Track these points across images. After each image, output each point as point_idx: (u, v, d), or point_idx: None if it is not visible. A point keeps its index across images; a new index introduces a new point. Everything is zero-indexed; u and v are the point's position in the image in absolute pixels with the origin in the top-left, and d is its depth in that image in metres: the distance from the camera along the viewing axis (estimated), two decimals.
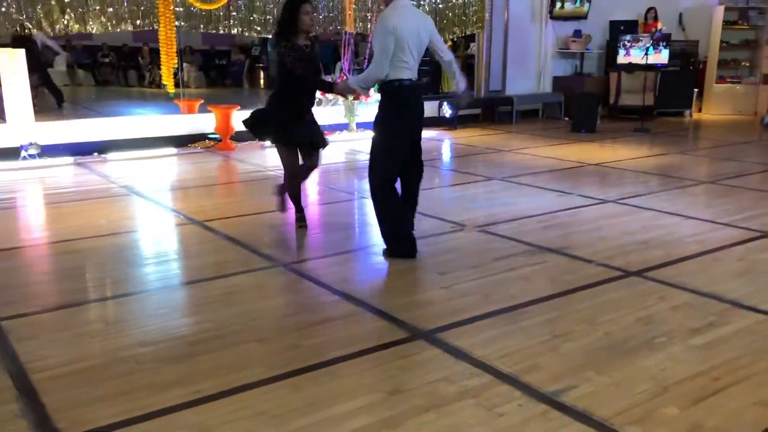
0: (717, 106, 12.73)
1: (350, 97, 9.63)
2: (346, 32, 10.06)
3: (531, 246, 4.51)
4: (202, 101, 9.59)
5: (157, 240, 4.85)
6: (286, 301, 3.67)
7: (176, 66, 8.68)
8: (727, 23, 12.63)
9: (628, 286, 3.76)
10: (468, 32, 11.29)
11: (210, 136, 8.89)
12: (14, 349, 2.97)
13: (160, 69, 16.35)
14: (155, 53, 16.66)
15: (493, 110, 11.58)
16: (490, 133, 10.28)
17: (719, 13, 12.56)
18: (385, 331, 3.19)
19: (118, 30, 8.43)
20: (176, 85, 8.82)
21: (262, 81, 17.98)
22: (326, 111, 9.79)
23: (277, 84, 4.89)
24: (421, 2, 10.63)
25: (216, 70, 18.21)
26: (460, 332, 3.13)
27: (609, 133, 10.14)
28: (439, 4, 10.80)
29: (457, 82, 4.39)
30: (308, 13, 4.48)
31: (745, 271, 4.02)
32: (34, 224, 5.42)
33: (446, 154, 8.82)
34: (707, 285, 3.75)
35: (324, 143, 4.92)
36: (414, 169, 4.40)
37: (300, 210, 4.99)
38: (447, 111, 10.67)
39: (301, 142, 4.74)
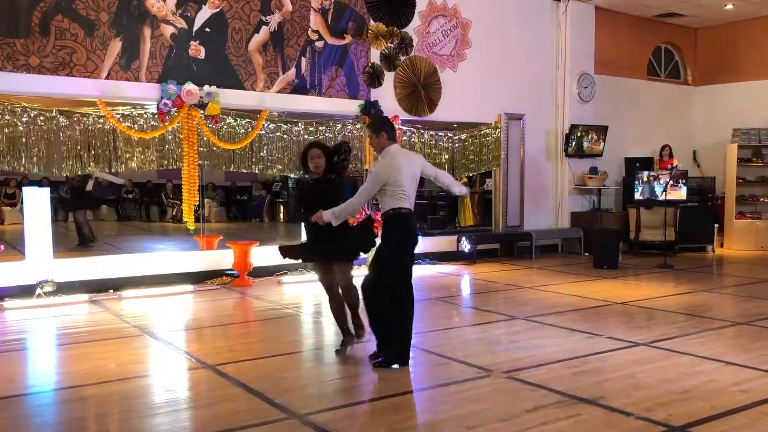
0: (738, 241, 12.59)
1: None
2: (366, 170, 10.21)
3: (564, 396, 4.23)
4: (222, 237, 9.62)
5: (166, 386, 4.61)
6: None
7: (197, 203, 8.77)
8: (742, 160, 12.76)
9: None
10: (483, 170, 11.45)
11: (227, 272, 8.82)
12: None
13: (182, 204, 16.96)
14: (178, 189, 17.23)
15: (512, 245, 11.51)
16: (509, 268, 10.13)
17: (733, 151, 12.71)
18: None
19: (145, 169, 8.61)
20: (196, 221, 8.87)
21: (281, 215, 18.23)
22: None
23: None
24: (440, 143, 10.86)
25: (237, 205, 18.54)
26: None
27: (631, 270, 9.96)
28: (456, 143, 11.02)
29: (449, 186, 5.28)
30: (314, 157, 5.15)
31: None
32: (41, 368, 5.22)
33: (466, 290, 8.65)
34: None
35: (341, 256, 5.11)
36: (405, 293, 4.94)
37: (346, 333, 5.29)
38: (466, 246, 10.61)
39: (320, 258, 5.23)
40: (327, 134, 9.85)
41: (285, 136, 9.54)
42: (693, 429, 3.67)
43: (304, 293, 8.27)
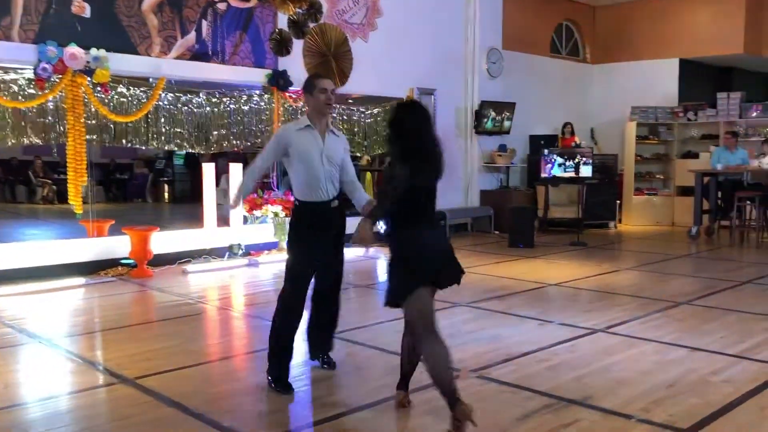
0: (636, 217, 12.91)
1: (281, 215, 8.90)
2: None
3: (549, 397, 3.81)
4: (114, 221, 8.53)
5: (78, 411, 3.76)
6: None
7: (85, 183, 7.66)
8: (639, 138, 13.06)
9: None
10: None
11: (123, 261, 7.81)
12: None
13: (54, 184, 15.27)
14: (48, 166, 15.53)
15: None
16: None
17: (632, 128, 12.98)
18: None
19: (19, 142, 7.40)
20: (84, 203, 7.74)
21: (167, 196, 16.94)
22: (252, 228, 8.98)
23: None
24: (352, 117, 10.23)
25: (116, 184, 17.02)
26: None
27: (547, 248, 9.85)
28: (368, 118, 10.43)
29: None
30: None
31: None
32: None
33: None
34: None
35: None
36: None
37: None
38: (383, 227, 10.07)
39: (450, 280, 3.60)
40: (231, 106, 8.97)
41: (185, 108, 8.56)
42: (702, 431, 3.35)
43: (213, 283, 7.45)
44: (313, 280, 4.09)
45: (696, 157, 12.85)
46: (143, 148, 8.66)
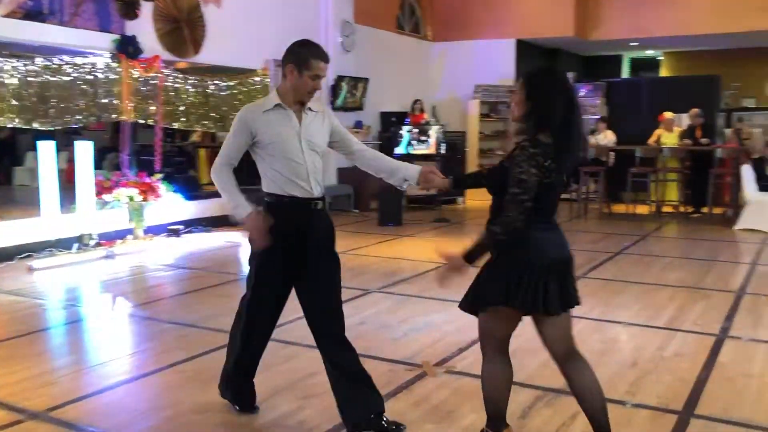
0: (478, 193, 13.30)
1: (138, 198, 7.91)
2: (122, 121, 8.35)
3: (534, 388, 3.65)
4: None
5: None
6: None
7: None
8: (481, 116, 13.48)
9: None
10: None
11: None
12: None
13: None
14: None
15: None
16: None
17: (475, 106, 13.35)
18: None
19: None
20: None
21: None
22: (105, 214, 7.90)
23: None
24: (207, 90, 9.35)
25: None
26: None
27: (415, 226, 9.81)
28: (223, 90, 9.61)
29: None
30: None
31: None
32: None
33: None
34: None
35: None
36: None
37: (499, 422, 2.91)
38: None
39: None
40: (74, 74, 7.76)
41: (17, 77, 7.25)
42: (702, 413, 3.37)
43: (73, 281, 6.44)
44: (309, 325, 3.20)
45: None
46: None
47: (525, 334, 3.06)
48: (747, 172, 9.43)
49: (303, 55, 3.00)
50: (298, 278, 3.12)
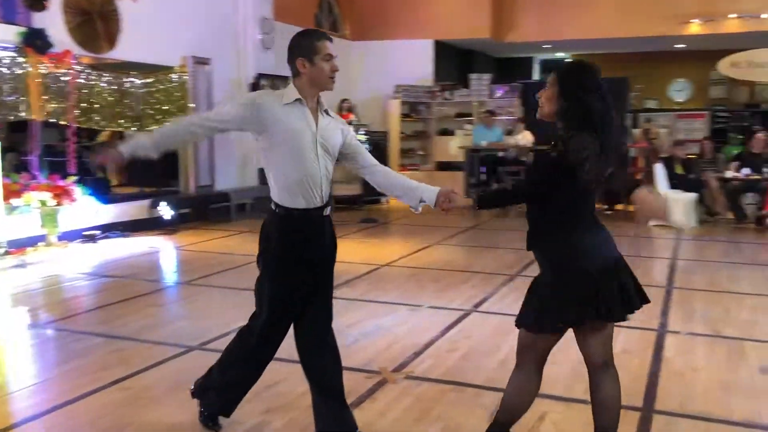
0: None
1: (51, 203, 7.40)
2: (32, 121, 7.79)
3: (496, 391, 3.58)
4: None
5: None
6: None
7: None
8: (402, 116, 13.51)
9: None
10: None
11: None
12: None
13: None
14: None
15: (205, 208, 10.23)
16: (223, 235, 8.91)
17: (396, 106, 13.37)
18: None
19: None
20: None
21: None
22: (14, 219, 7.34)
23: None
24: (122, 88, 8.88)
25: None
26: None
27: (345, 226, 9.66)
28: (140, 89, 9.16)
29: None
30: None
31: None
32: None
33: (215, 267, 7.15)
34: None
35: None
36: None
37: None
38: (167, 211, 9.00)
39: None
40: None
41: None
42: (660, 408, 3.44)
43: None
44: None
45: (452, 134, 13.70)
46: None
47: (462, 340, 3.01)
48: (659, 171, 9.88)
49: (307, 43, 2.84)
50: (314, 294, 2.95)
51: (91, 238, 8.16)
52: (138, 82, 9.15)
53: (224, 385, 3.05)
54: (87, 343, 4.53)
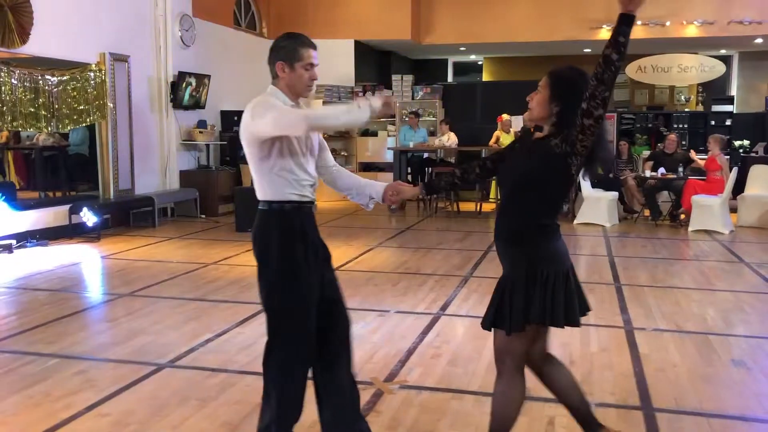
0: (327, 193, 13.10)
1: None
2: None
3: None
4: None
5: None
6: None
7: None
8: None
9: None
10: (90, 122, 9.20)
11: None
12: None
13: None
14: None
15: (127, 213, 9.68)
16: (151, 242, 8.44)
17: (318, 105, 13.15)
18: None
19: None
20: None
21: None
22: None
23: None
24: (36, 86, 8.23)
25: None
26: None
27: None
28: (56, 87, 8.53)
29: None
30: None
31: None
32: None
33: (153, 278, 6.75)
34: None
35: None
36: None
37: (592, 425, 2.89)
38: (89, 218, 8.42)
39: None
40: None
41: None
42: (659, 406, 3.52)
43: None
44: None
45: (375, 135, 13.67)
46: None
47: (443, 346, 2.97)
48: None
49: (290, 48, 2.77)
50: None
51: (7, 248, 7.53)
52: (53, 79, 8.52)
53: (280, 419, 2.82)
54: (41, 366, 4.13)
